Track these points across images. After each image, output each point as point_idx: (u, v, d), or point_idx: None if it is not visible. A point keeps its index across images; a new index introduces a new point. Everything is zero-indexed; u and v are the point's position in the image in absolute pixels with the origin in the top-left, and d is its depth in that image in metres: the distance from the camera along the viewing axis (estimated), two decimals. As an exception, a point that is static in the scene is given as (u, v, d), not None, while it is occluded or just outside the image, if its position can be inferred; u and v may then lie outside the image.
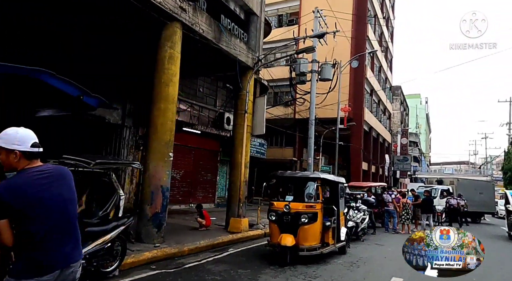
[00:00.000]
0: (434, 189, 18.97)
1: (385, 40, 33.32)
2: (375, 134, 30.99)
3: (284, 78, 25.94)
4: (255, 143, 20.00)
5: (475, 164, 78.57)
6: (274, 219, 6.70)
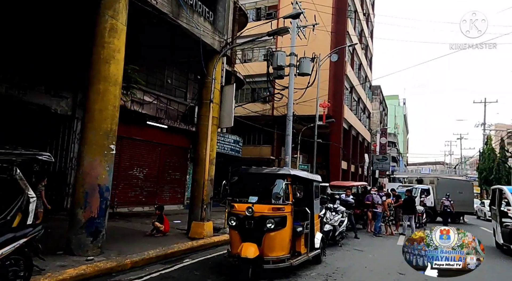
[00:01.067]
0: (414, 189, 18.34)
1: (365, 36, 32.86)
2: (354, 132, 30.41)
3: (262, 73, 24.72)
4: (230, 140, 18.80)
5: (450, 164, 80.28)
6: (234, 224, 5.53)
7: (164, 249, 6.88)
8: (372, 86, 44.97)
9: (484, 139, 44.73)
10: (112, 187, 12.73)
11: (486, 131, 45.29)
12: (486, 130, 45.84)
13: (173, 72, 15.88)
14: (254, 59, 28.49)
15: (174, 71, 15.86)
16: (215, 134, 9.51)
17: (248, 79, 27.13)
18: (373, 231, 11.79)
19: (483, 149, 43.49)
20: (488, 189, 42.69)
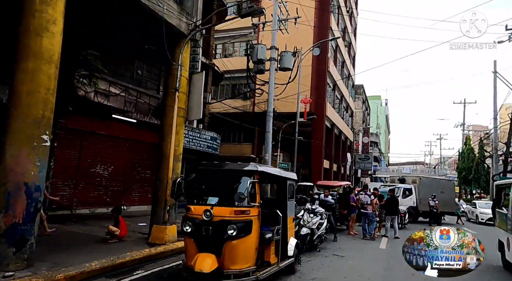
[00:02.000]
0: (397, 188, 17.87)
1: (348, 34, 32.43)
2: (337, 131, 29.92)
3: (243, 69, 23.73)
4: (206, 137, 17.76)
5: (429, 165, 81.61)
6: (189, 231, 4.60)
7: (113, 258, 5.88)
8: (355, 85, 44.79)
9: (463, 139, 45.30)
10: (71, 186, 11.70)
11: (465, 132, 45.93)
12: (465, 131, 46.50)
13: (144, 63, 14.75)
14: (235, 54, 27.55)
15: (145, 61, 14.73)
16: (182, 127, 8.53)
17: (229, 74, 26.19)
18: (369, 234, 11.06)
19: (463, 149, 44.02)
20: (467, 189, 43.30)
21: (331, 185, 13.67)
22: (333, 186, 13.50)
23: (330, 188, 13.52)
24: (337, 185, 13.44)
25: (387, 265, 7.43)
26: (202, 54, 17.22)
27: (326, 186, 13.44)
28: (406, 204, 17.48)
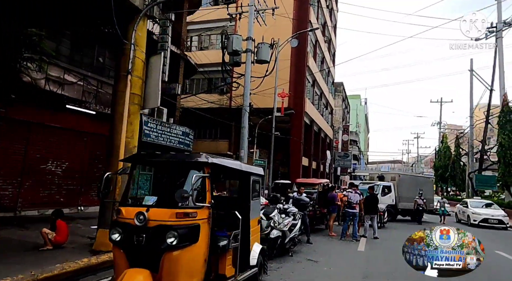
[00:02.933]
0: (376, 186, 17.35)
1: (328, 30, 31.92)
2: (316, 128, 29.36)
3: (219, 62, 22.73)
4: (177, 132, 16.60)
5: (407, 163, 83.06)
6: (118, 240, 3.60)
7: (36, 273, 4.78)
8: (335, 82, 44.55)
9: (440, 138, 45.95)
10: (14, 185, 10.34)
11: (442, 130, 46.63)
12: (441, 129, 47.21)
13: (106, 50, 13.50)
14: (212, 46, 26.45)
15: (108, 48, 13.47)
16: (136, 116, 7.45)
17: (205, 68, 25.10)
18: (353, 236, 10.33)
19: (439, 148, 44.63)
20: (444, 187, 43.90)
21: (309, 183, 12.90)
22: (312, 184, 12.74)
23: (309, 186, 12.75)
24: (316, 183, 12.68)
25: (365, 270, 6.66)
26: (173, 43, 16.09)
27: (304, 184, 12.64)
28: (385, 202, 16.97)
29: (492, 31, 24.11)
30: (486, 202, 19.05)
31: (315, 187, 12.33)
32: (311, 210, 11.51)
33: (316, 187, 12.34)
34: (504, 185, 21.95)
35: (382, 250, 8.94)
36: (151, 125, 14.45)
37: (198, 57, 24.08)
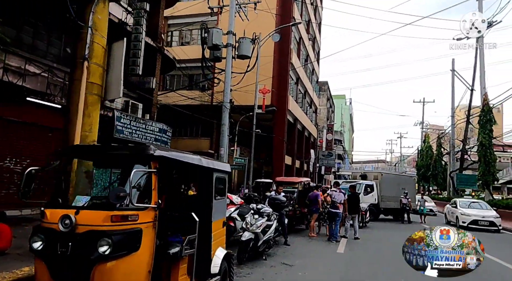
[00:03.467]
0: (358, 184, 17.06)
1: (312, 28, 31.61)
2: (300, 126, 29.00)
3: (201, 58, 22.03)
4: (154, 128, 15.85)
5: (390, 163, 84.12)
6: (40, 249, 2.98)
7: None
8: (320, 81, 44.39)
9: (422, 137, 46.50)
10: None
11: (424, 130, 47.22)
12: (424, 129, 47.82)
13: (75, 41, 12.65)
14: (193, 42, 25.69)
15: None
16: (95, 107, 6.76)
17: (186, 64, 24.36)
18: (334, 237, 9.92)
19: (421, 147, 45.13)
20: (426, 186, 44.42)
21: (289, 182, 12.42)
22: (292, 183, 12.26)
23: (289, 184, 12.27)
24: (297, 182, 12.21)
25: (343, 275, 6.20)
26: (150, 35, 15.35)
27: (284, 183, 12.16)
28: (367, 201, 16.71)
29: (473, 31, 24.22)
30: (477, 202, 17.49)
31: (295, 186, 11.86)
32: (291, 209, 11.07)
33: (296, 186, 11.86)
34: (484, 184, 22.09)
35: (363, 251, 8.54)
36: (124, 121, 13.68)
37: (179, 53, 23.37)
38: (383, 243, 10.12)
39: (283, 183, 11.86)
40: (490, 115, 21.47)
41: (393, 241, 10.53)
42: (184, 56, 23.33)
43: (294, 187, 11.91)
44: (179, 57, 23.51)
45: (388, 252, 8.64)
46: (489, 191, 22.41)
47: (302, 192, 12.09)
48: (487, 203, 18.21)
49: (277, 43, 22.80)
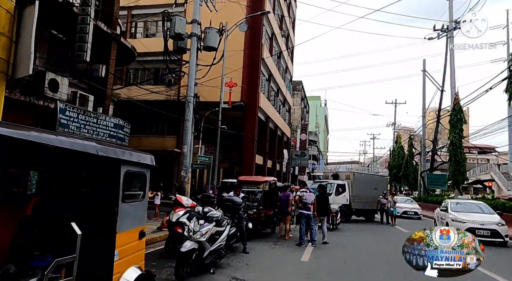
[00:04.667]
0: (329, 185, 16.29)
1: (286, 24, 30.85)
2: (272, 125, 28.11)
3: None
4: (108, 124, 14.34)
5: (364, 163, 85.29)
6: None
7: None
8: (294, 81, 43.85)
9: (394, 138, 47.01)
10: None
11: (396, 130, 47.80)
12: (396, 129, 48.40)
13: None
14: (159, 34, 24.19)
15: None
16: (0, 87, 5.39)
17: (151, 57, 22.89)
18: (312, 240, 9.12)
19: (393, 147, 45.59)
20: (398, 186, 44.86)
21: (253, 181, 11.37)
22: (257, 182, 11.22)
23: (253, 184, 11.21)
24: (261, 181, 11.18)
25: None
26: (102, 19, 13.89)
27: (247, 182, 11.09)
28: (339, 202, 15.97)
29: (444, 30, 24.30)
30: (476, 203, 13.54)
31: (260, 186, 10.82)
32: (255, 212, 10.03)
33: (261, 186, 10.82)
34: (454, 183, 22.02)
35: (329, 259, 7.60)
36: (70, 114, 12.15)
37: (144, 45, 21.86)
38: (353, 248, 9.26)
39: (246, 182, 10.82)
40: (460, 115, 21.45)
41: (364, 246, 9.75)
42: (149, 49, 21.88)
43: (258, 187, 10.86)
44: (146, 49, 22.03)
45: (358, 259, 7.77)
46: (459, 190, 22.38)
47: (268, 192, 11.08)
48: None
49: (248, 37, 21.83)
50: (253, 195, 10.89)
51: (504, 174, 37.93)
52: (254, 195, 10.87)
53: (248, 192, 10.82)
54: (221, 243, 6.00)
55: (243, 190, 10.82)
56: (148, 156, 3.71)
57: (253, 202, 10.55)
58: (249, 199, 10.62)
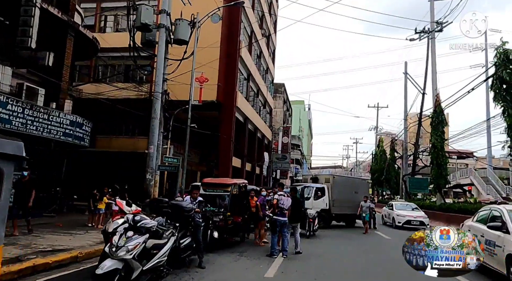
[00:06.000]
0: (308, 188, 15.30)
1: (266, 24, 29.99)
2: (252, 127, 27.04)
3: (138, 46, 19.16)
4: (62, 121, 12.86)
5: (347, 168, 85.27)
6: None
7: None
8: (276, 83, 43.02)
9: (376, 142, 46.78)
10: None
11: (379, 134, 47.63)
12: (378, 133, 48.25)
13: None
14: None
15: None
16: None
17: (121, 52, 21.45)
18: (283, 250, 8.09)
19: (376, 151, 45.29)
20: (380, 190, 44.53)
21: (220, 184, 10.21)
22: (224, 185, 10.07)
23: (219, 187, 10.06)
24: (229, 184, 10.04)
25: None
26: (58, 6, 12.54)
27: (212, 185, 9.93)
28: (318, 207, 14.98)
29: (426, 31, 23.94)
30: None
31: (228, 189, 9.68)
32: (222, 219, 8.86)
33: (229, 189, 9.68)
34: (436, 187, 21.44)
35: (299, 274, 6.53)
36: (13, 108, 10.76)
37: (113, 40, 20.45)
38: (329, 260, 8.22)
39: (211, 185, 9.64)
40: (442, 117, 20.93)
41: (341, 257, 8.66)
42: (119, 44, 20.48)
43: (226, 190, 9.71)
44: (116, 45, 20.59)
45: (332, 274, 6.71)
46: (441, 194, 21.82)
47: (237, 197, 9.95)
48: (439, 207, 19.77)
49: (225, 34, 20.77)
50: (220, 200, 9.76)
51: (483, 178, 38.04)
52: (222, 200, 9.74)
53: (215, 196, 9.71)
54: (161, 260, 4.81)
55: (210, 194, 9.71)
56: (10, 142, 2.52)
57: (220, 207, 9.42)
58: (215, 204, 9.52)
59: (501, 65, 11.23)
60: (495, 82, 11.31)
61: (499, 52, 11.67)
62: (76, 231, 9.76)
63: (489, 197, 33.31)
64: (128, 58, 21.76)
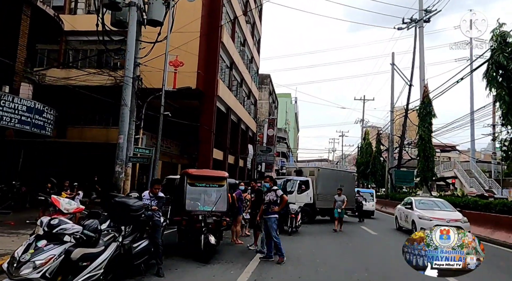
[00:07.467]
0: (290, 181, 14.42)
1: (251, 10, 28.74)
2: (235, 118, 25.95)
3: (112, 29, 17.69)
4: (17, 106, 11.49)
5: (333, 161, 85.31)
6: None
7: None
8: (262, 74, 41.92)
9: (362, 134, 46.40)
10: None
11: (365, 126, 47.30)
12: (364, 126, 47.90)
13: None
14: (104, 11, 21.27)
15: None
16: None
17: (82, 37, 20.02)
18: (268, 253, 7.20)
19: (361, 144, 44.93)
20: (365, 183, 44.24)
21: (212, 177, 9.06)
22: (218, 177, 8.90)
23: (212, 181, 8.90)
24: (225, 176, 8.90)
25: None
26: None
27: (203, 178, 8.79)
28: (301, 201, 14.15)
29: (414, 20, 23.22)
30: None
31: (222, 183, 8.49)
32: (215, 220, 7.65)
33: (224, 182, 8.52)
34: (423, 180, 20.92)
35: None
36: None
37: (84, 22, 18.90)
38: (310, 261, 7.32)
39: (202, 178, 8.33)
40: (430, 108, 20.35)
41: (324, 257, 7.61)
42: (90, 27, 18.98)
43: (220, 184, 8.47)
44: (87, 28, 19.03)
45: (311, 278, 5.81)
46: (427, 187, 21.33)
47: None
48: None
49: (205, 18, 19.48)
50: (206, 197, 8.17)
51: (467, 171, 38.14)
52: (208, 197, 8.37)
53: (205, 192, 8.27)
54: (95, 273, 3.75)
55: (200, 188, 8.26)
56: None
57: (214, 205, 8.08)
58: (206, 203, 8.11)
59: (497, 49, 10.52)
60: (491, 67, 10.60)
61: (496, 35, 10.93)
62: (26, 230, 8.56)
63: (472, 189, 33.32)
64: (101, 43, 20.30)
